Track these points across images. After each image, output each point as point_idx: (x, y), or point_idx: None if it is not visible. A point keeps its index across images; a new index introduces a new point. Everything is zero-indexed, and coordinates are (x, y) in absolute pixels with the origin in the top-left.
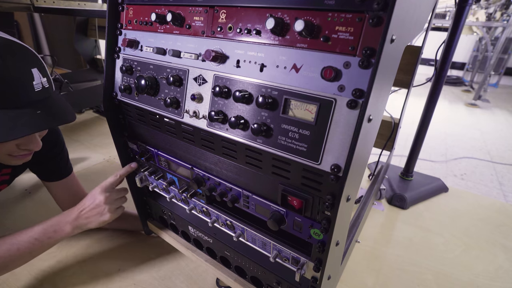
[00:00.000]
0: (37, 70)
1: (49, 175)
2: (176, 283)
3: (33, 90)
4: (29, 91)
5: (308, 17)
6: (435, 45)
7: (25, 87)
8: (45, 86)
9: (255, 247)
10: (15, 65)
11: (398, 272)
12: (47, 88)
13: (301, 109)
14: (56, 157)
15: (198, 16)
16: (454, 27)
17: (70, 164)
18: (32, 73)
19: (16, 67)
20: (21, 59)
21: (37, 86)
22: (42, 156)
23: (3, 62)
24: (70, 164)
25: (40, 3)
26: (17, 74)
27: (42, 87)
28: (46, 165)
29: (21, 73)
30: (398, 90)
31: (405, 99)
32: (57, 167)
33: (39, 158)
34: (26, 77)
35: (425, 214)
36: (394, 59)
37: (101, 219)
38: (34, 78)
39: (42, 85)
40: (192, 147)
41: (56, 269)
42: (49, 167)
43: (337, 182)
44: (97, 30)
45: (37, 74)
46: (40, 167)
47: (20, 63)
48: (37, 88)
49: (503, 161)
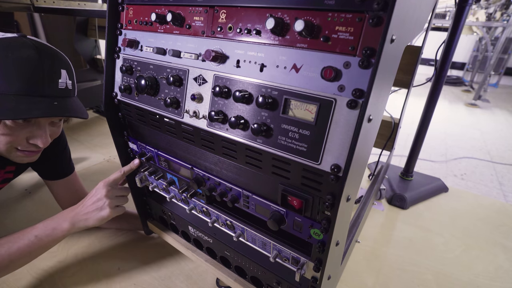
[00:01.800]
0: (65, 72)
1: (51, 173)
2: (176, 283)
3: (57, 86)
4: (53, 86)
5: (308, 17)
6: (435, 45)
7: (51, 81)
8: (68, 87)
9: (255, 247)
10: (48, 62)
11: (398, 272)
12: (70, 89)
13: (301, 109)
14: (58, 156)
15: (198, 16)
16: (454, 27)
17: (72, 163)
18: (61, 72)
19: (48, 64)
20: (54, 59)
21: (61, 84)
22: (44, 154)
23: (39, 57)
24: (72, 163)
25: (40, 3)
26: (48, 69)
27: (65, 86)
28: (49, 163)
29: (51, 69)
30: (398, 90)
31: (405, 99)
32: (59, 165)
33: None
34: (55, 73)
35: (425, 214)
36: (394, 59)
37: (99, 215)
38: (61, 76)
39: (66, 85)
40: (192, 147)
41: (56, 269)
42: (51, 165)
43: (337, 182)
44: (97, 30)
45: (65, 75)
46: (42, 166)
47: (52, 62)
48: (61, 86)
49: (503, 161)
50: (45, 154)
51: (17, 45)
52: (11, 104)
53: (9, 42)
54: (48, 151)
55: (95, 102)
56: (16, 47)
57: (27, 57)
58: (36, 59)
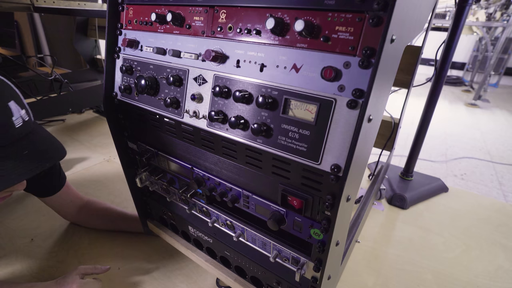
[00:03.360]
0: (14, 103)
1: (42, 192)
2: (176, 283)
3: (14, 127)
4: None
5: (308, 17)
6: (435, 45)
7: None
8: (25, 120)
9: (255, 247)
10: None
11: (398, 272)
12: (27, 121)
13: (301, 109)
14: (46, 175)
15: (198, 16)
16: (454, 27)
17: (62, 176)
18: (10, 108)
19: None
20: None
21: (17, 122)
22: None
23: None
24: (62, 176)
25: (40, 3)
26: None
27: (22, 121)
28: (39, 184)
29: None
30: (398, 90)
31: (405, 99)
32: (50, 184)
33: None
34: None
35: (425, 214)
36: (394, 59)
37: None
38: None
39: (22, 119)
40: (192, 147)
41: (56, 269)
42: (42, 185)
43: (337, 182)
44: (97, 30)
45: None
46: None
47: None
48: (17, 124)
49: (503, 161)
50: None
51: None
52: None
53: None
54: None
55: (95, 102)
56: None
57: None
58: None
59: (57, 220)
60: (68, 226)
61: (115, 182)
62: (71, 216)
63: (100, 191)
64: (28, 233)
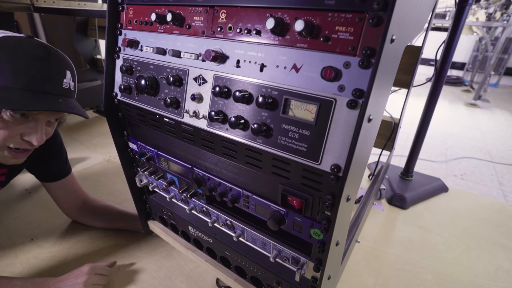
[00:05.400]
0: (70, 73)
1: (48, 175)
2: (176, 283)
3: (62, 85)
4: (58, 84)
5: (308, 17)
6: (435, 45)
7: (57, 79)
8: (71, 88)
9: (255, 247)
10: (55, 61)
11: (398, 272)
12: (72, 90)
13: (301, 109)
14: (54, 156)
15: (198, 16)
16: (454, 27)
17: (69, 164)
18: (66, 72)
19: (56, 63)
20: (61, 60)
21: (65, 84)
22: (40, 155)
23: (48, 56)
24: (69, 164)
25: (40, 3)
26: (55, 68)
27: (68, 87)
28: (45, 164)
29: (58, 68)
30: (398, 90)
31: (405, 99)
32: (55, 166)
33: (38, 157)
34: (61, 73)
35: (425, 214)
36: (394, 59)
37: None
38: (66, 77)
39: (69, 85)
40: (192, 147)
41: (56, 269)
42: (48, 166)
43: (337, 182)
44: (97, 30)
45: (69, 76)
46: (39, 167)
47: (59, 62)
48: (65, 85)
49: (503, 161)
50: (41, 155)
51: (28, 43)
52: (16, 97)
53: (19, 39)
54: (44, 152)
55: (95, 102)
56: (27, 44)
57: (36, 54)
58: (45, 57)
59: (57, 220)
60: (68, 226)
61: (115, 182)
62: (73, 211)
63: (100, 191)
64: (28, 233)
